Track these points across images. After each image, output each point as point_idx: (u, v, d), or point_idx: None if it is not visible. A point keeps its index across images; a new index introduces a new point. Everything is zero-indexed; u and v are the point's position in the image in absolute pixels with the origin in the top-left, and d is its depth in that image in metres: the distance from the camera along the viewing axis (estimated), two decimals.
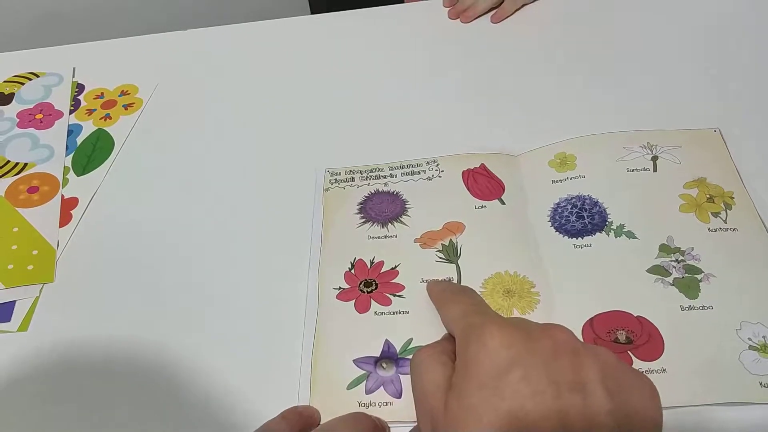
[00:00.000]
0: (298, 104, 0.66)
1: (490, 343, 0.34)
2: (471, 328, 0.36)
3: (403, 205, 0.54)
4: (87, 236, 0.57)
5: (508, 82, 0.65)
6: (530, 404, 0.32)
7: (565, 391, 0.32)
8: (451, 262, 0.49)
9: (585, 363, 0.33)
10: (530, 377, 0.32)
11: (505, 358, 0.33)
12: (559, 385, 0.32)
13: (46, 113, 0.69)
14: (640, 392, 0.34)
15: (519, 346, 0.34)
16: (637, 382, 0.34)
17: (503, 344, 0.34)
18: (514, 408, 0.32)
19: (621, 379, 0.33)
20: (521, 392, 0.32)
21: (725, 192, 0.50)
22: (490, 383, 0.33)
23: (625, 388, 0.33)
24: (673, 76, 0.62)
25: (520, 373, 0.33)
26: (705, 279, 0.46)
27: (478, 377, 0.33)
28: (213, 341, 0.48)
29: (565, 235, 0.50)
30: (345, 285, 0.49)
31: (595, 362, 0.33)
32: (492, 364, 0.33)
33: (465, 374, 0.34)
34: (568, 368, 0.33)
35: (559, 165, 0.54)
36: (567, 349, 0.34)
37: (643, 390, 0.34)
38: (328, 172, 0.58)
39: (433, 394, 0.36)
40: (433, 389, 0.36)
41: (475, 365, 0.34)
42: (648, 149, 0.54)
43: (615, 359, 0.34)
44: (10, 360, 0.49)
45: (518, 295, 0.47)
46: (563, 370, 0.33)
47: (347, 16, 0.77)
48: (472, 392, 0.33)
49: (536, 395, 0.32)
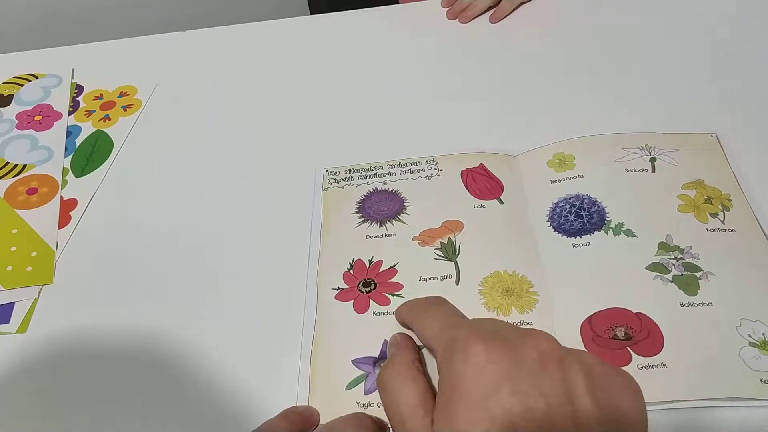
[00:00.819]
0: (296, 104, 0.66)
1: (474, 360, 0.33)
2: (453, 343, 0.35)
3: (401, 203, 0.54)
4: (86, 237, 0.57)
5: (507, 82, 0.65)
6: (522, 422, 0.31)
7: (555, 404, 0.32)
8: (450, 260, 0.49)
9: (571, 372, 0.33)
10: (519, 392, 0.32)
11: (493, 375, 0.32)
12: (548, 398, 0.32)
13: (45, 114, 0.69)
14: (624, 394, 0.33)
15: (505, 360, 0.33)
16: (620, 384, 0.34)
17: (489, 359, 0.33)
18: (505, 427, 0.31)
19: (606, 384, 0.33)
20: (512, 410, 0.31)
21: (723, 194, 0.51)
22: (479, 403, 0.32)
23: (612, 393, 0.33)
24: (670, 79, 0.62)
25: (509, 389, 0.32)
26: (704, 277, 0.46)
27: (467, 397, 0.32)
28: (211, 342, 0.48)
29: (563, 235, 0.50)
30: (343, 285, 0.49)
31: (580, 369, 0.33)
32: (479, 381, 0.32)
33: (452, 395, 0.33)
34: (556, 379, 0.32)
35: (558, 165, 0.54)
36: (553, 358, 0.33)
37: (627, 391, 0.33)
38: (326, 171, 0.58)
39: (412, 417, 0.35)
40: (411, 411, 0.35)
41: (462, 384, 0.33)
42: (646, 151, 0.54)
43: (598, 362, 0.34)
44: (9, 361, 0.49)
45: (517, 294, 0.47)
46: (551, 381, 0.32)
47: (347, 16, 0.77)
48: (461, 413, 0.32)
49: (527, 412, 0.31)
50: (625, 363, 0.42)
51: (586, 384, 0.32)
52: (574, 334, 0.44)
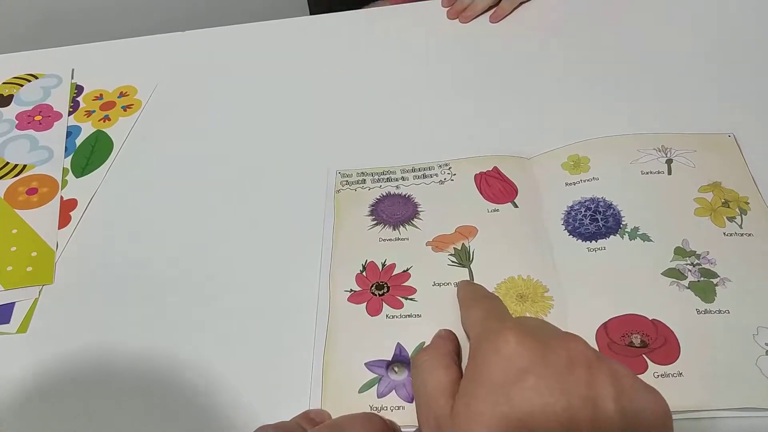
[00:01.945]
0: (297, 105, 0.65)
1: (503, 349, 0.33)
2: (487, 332, 0.35)
3: (415, 208, 0.53)
4: (86, 238, 0.56)
5: (519, 84, 0.64)
6: (539, 414, 0.31)
7: (576, 403, 0.31)
8: (464, 266, 0.49)
9: (599, 377, 0.33)
10: (541, 387, 0.32)
11: (518, 366, 0.33)
12: (571, 397, 0.32)
13: (45, 115, 0.68)
14: (653, 412, 0.33)
15: (533, 355, 0.33)
16: (651, 402, 0.33)
17: (517, 351, 0.33)
18: (522, 416, 0.31)
19: (635, 397, 0.33)
20: (531, 401, 0.32)
21: (740, 197, 0.50)
22: (500, 390, 0.32)
23: (639, 407, 0.33)
24: (686, 78, 0.62)
25: (532, 381, 0.32)
26: (721, 283, 0.45)
27: (489, 383, 0.33)
28: (220, 344, 0.47)
29: (578, 239, 0.49)
30: (356, 287, 0.48)
31: (609, 377, 0.33)
32: (504, 370, 0.33)
33: (475, 378, 0.34)
34: (581, 381, 0.32)
35: (573, 167, 0.54)
36: (582, 361, 0.33)
37: (656, 408, 0.33)
38: (339, 173, 0.57)
39: (436, 399, 0.35)
40: (437, 394, 0.36)
41: (487, 370, 0.33)
42: (662, 152, 0.54)
43: (631, 375, 0.34)
44: (9, 361, 0.48)
45: (531, 299, 0.46)
46: (576, 383, 0.32)
47: (348, 17, 0.76)
48: (482, 398, 0.33)
49: (546, 406, 0.31)
50: (641, 371, 0.42)
51: (611, 392, 0.32)
52: (589, 341, 0.43)
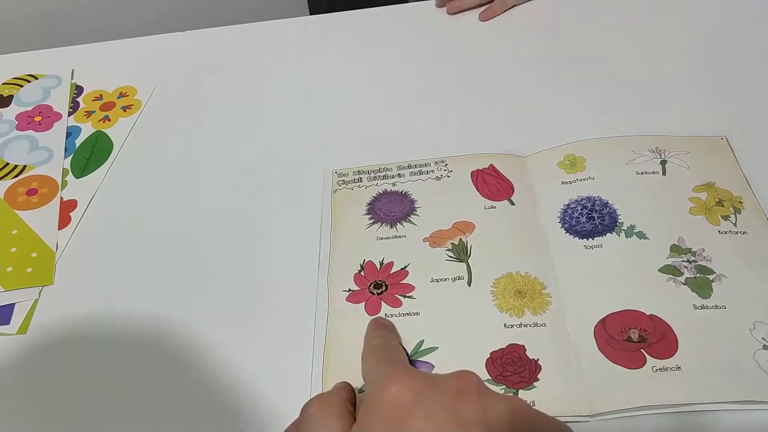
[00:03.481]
0: (298, 105, 0.66)
1: (393, 387, 0.33)
2: (377, 375, 0.36)
3: (411, 204, 0.54)
4: (86, 238, 0.56)
5: (516, 83, 0.64)
6: None
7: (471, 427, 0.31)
8: (462, 261, 0.49)
9: (491, 402, 0.32)
10: (434, 417, 0.32)
11: (408, 400, 0.32)
12: (465, 422, 0.31)
13: (45, 115, 0.68)
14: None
15: (422, 388, 0.33)
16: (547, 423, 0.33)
17: (407, 386, 0.33)
18: None
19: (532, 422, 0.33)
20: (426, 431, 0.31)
21: (734, 196, 0.51)
22: (393, 426, 0.32)
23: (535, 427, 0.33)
24: (680, 81, 0.62)
25: (423, 413, 0.32)
26: (717, 279, 0.46)
27: (382, 421, 0.32)
28: (220, 344, 0.47)
29: (575, 236, 0.49)
30: (355, 287, 0.49)
31: (502, 400, 0.33)
32: (395, 407, 0.33)
33: (366, 418, 0.33)
34: (473, 406, 0.32)
35: (569, 167, 0.54)
36: (472, 387, 0.33)
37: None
38: (335, 173, 0.57)
39: None
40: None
41: (377, 408, 0.33)
42: (656, 154, 0.54)
43: (526, 405, 0.34)
44: (9, 362, 0.48)
45: (530, 296, 0.46)
46: (468, 408, 0.32)
47: (347, 17, 0.76)
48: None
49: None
50: (640, 365, 0.42)
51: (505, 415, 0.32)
52: (587, 336, 0.44)
